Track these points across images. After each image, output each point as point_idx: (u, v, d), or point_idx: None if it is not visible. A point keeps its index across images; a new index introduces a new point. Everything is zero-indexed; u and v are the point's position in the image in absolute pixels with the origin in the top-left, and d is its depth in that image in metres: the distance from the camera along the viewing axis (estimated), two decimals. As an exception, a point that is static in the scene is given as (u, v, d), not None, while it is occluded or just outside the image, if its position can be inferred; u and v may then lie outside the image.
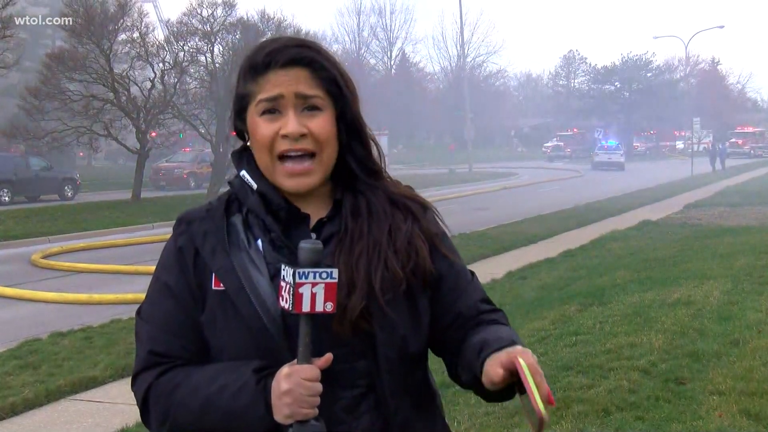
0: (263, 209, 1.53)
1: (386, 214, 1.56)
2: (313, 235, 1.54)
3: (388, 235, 1.54)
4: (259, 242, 1.53)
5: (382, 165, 1.64)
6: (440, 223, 1.67)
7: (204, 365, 1.51)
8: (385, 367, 1.48)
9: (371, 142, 1.61)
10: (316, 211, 1.57)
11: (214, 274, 1.51)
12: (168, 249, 1.59)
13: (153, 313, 1.56)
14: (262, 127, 1.51)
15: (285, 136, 1.49)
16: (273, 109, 1.51)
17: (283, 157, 1.51)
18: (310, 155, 1.51)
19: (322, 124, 1.51)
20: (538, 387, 1.34)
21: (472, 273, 1.69)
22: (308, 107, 1.51)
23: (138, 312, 1.60)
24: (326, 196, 1.59)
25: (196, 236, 1.55)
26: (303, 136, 1.49)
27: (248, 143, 1.58)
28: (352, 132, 1.57)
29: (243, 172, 1.57)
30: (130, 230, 20.70)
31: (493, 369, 1.37)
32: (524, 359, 1.36)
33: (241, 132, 1.60)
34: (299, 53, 1.52)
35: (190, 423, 1.48)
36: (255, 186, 1.55)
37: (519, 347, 1.41)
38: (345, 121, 1.55)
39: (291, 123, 1.49)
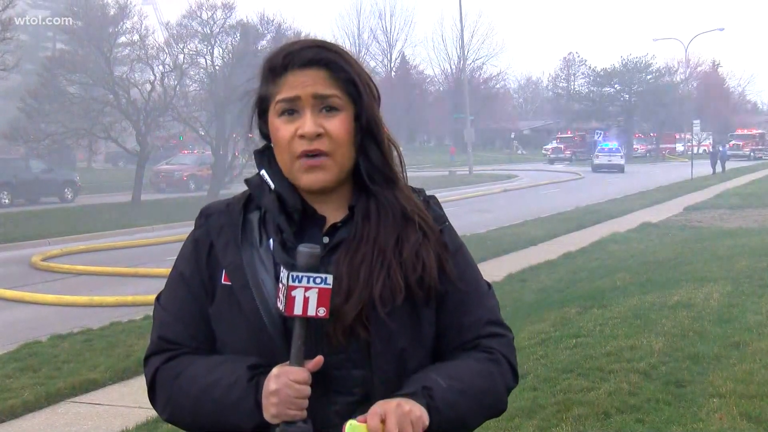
0: (277, 209, 1.54)
1: (396, 224, 1.55)
2: (326, 239, 1.54)
3: (395, 244, 1.53)
4: (272, 242, 1.54)
5: (403, 171, 1.62)
6: (456, 237, 1.65)
7: (208, 356, 1.55)
8: (379, 377, 1.48)
9: (391, 147, 1.60)
10: (334, 215, 1.57)
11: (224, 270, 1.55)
12: (188, 239, 1.64)
13: (168, 300, 1.61)
14: (281, 128, 1.53)
15: (302, 137, 1.50)
16: (291, 110, 1.52)
17: (300, 156, 1.52)
18: (325, 155, 1.51)
19: (339, 124, 1.52)
20: None
21: (489, 286, 1.67)
22: (326, 107, 1.52)
23: (157, 297, 1.64)
24: (344, 199, 1.58)
25: (212, 230, 1.58)
26: (319, 136, 1.50)
27: (272, 143, 1.60)
28: (368, 134, 1.56)
29: (263, 171, 1.59)
30: (130, 233, 20.68)
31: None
32: (370, 421, 1.37)
33: (265, 134, 1.61)
34: (317, 54, 1.53)
35: (187, 410, 1.52)
36: (272, 186, 1.56)
37: (391, 403, 1.40)
38: (360, 123, 1.55)
39: (308, 123, 1.50)
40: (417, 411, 1.40)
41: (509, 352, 1.61)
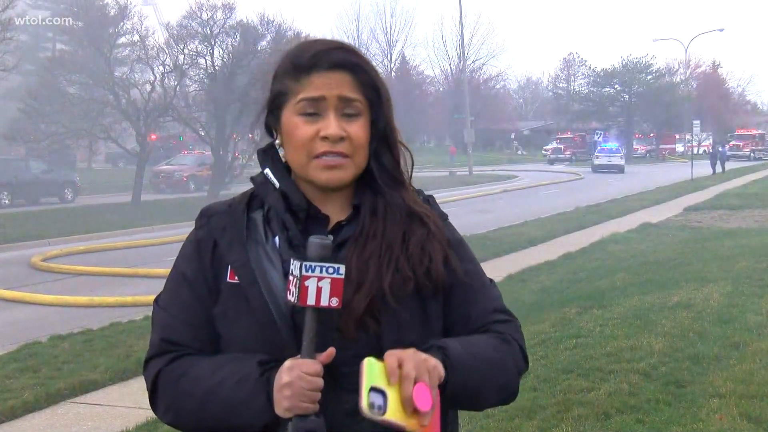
0: (283, 207, 1.55)
1: (402, 220, 1.57)
2: (330, 237, 1.54)
3: (402, 239, 1.55)
4: (277, 239, 1.54)
5: (410, 174, 1.65)
6: (456, 232, 1.67)
7: (213, 356, 1.53)
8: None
9: (402, 150, 1.62)
10: (336, 214, 1.58)
11: (229, 267, 1.54)
12: (188, 240, 1.62)
13: (169, 302, 1.59)
14: (300, 128, 1.52)
15: (325, 138, 1.51)
16: (313, 110, 1.52)
17: (320, 155, 1.52)
18: (344, 156, 1.53)
19: (359, 129, 1.53)
20: (401, 390, 1.34)
21: (491, 280, 1.70)
22: (347, 111, 1.53)
23: (156, 299, 1.62)
24: (347, 199, 1.60)
25: (215, 229, 1.57)
26: (342, 139, 1.51)
27: (276, 141, 1.60)
28: (383, 139, 1.58)
29: (267, 170, 1.59)
30: (130, 233, 20.70)
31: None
32: (387, 359, 1.36)
33: (270, 128, 1.61)
34: (344, 57, 1.54)
35: (193, 411, 1.50)
36: (277, 185, 1.57)
37: (409, 350, 1.40)
38: (377, 127, 1.57)
39: (332, 126, 1.50)
40: (433, 361, 1.40)
41: (518, 335, 1.63)
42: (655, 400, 5.29)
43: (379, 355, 1.45)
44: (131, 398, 6.44)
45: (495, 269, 12.28)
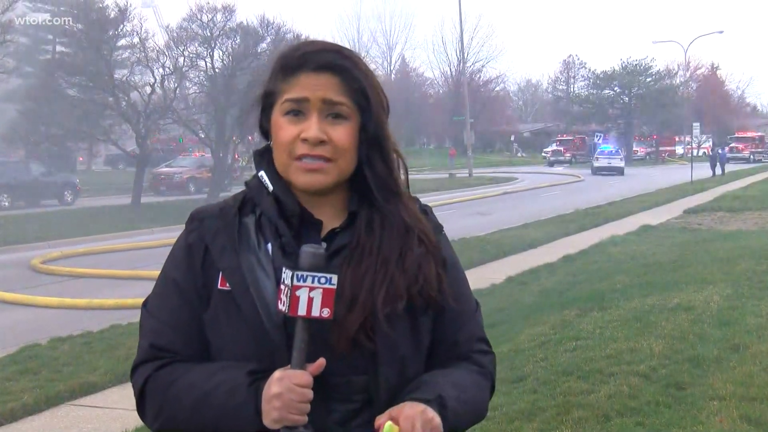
0: (276, 213, 1.52)
1: (399, 236, 1.54)
2: (324, 244, 1.52)
3: (399, 256, 1.53)
4: (269, 246, 1.52)
5: (406, 182, 1.61)
6: (451, 249, 1.65)
7: (203, 363, 1.51)
8: (384, 385, 1.47)
9: (396, 159, 1.59)
10: (329, 220, 1.55)
11: (220, 274, 1.51)
12: (178, 244, 1.59)
13: (158, 307, 1.56)
14: (284, 128, 1.50)
15: (305, 140, 1.48)
16: (297, 111, 1.50)
17: (300, 157, 1.50)
18: (326, 160, 1.50)
19: (343, 133, 1.50)
20: None
21: (477, 304, 1.70)
22: (333, 114, 1.50)
23: (144, 303, 1.60)
24: (341, 206, 1.57)
25: (206, 234, 1.54)
26: (322, 142, 1.48)
27: (270, 142, 1.58)
28: (373, 146, 1.54)
29: (261, 173, 1.57)
30: (130, 235, 20.69)
31: (381, 417, 1.42)
32: (403, 424, 1.38)
33: (265, 130, 1.59)
34: (333, 59, 1.51)
35: (182, 418, 1.48)
36: (270, 188, 1.54)
37: (418, 407, 1.41)
38: (367, 134, 1.53)
39: (312, 128, 1.48)
40: (437, 419, 1.42)
41: (494, 369, 1.67)
42: (655, 402, 5.29)
43: (373, 370, 1.47)
44: (131, 401, 6.34)
45: (495, 271, 12.29)
